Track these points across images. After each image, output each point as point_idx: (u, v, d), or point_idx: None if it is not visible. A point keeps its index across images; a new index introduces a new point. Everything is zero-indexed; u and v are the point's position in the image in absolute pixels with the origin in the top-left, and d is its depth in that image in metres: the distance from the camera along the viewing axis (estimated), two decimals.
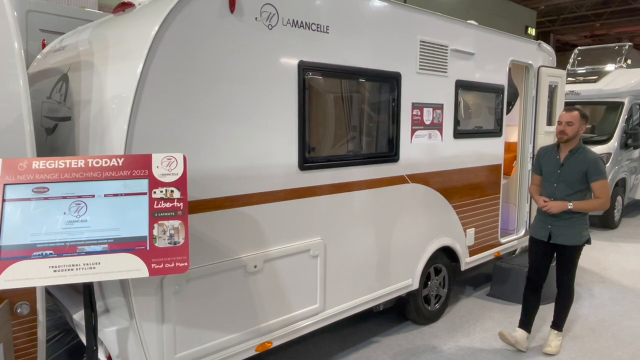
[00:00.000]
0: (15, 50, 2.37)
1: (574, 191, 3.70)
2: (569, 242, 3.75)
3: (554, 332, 4.00)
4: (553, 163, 3.83)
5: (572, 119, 3.67)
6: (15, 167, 2.07)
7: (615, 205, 8.35)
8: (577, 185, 3.68)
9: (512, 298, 4.99)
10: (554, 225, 3.79)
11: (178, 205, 2.16)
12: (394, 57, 3.72)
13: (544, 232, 3.85)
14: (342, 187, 3.45)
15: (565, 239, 3.76)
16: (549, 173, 3.84)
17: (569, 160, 3.73)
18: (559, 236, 3.78)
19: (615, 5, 20.06)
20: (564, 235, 3.76)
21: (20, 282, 1.97)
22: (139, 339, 2.51)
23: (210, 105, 2.65)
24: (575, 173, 3.68)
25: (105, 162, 2.15)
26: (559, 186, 3.75)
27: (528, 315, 4.01)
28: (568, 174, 3.71)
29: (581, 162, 3.67)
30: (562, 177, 3.74)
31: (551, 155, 3.87)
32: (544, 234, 3.84)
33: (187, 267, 2.12)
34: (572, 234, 3.74)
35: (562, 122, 3.70)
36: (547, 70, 5.55)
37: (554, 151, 3.85)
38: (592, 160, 3.65)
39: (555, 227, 3.78)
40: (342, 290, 3.55)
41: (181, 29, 2.50)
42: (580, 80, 9.21)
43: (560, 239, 3.77)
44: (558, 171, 3.77)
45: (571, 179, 3.69)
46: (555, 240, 3.79)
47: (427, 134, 4.12)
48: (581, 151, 3.72)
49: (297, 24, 3.02)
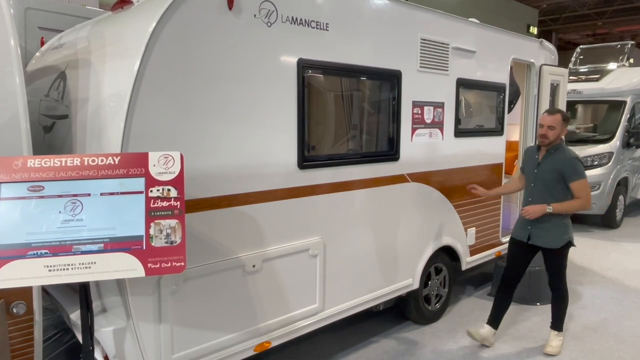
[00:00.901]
0: (11, 48, 2.34)
1: (551, 191, 3.64)
2: (547, 244, 3.71)
3: (554, 333, 3.97)
4: (532, 162, 3.79)
5: (554, 123, 3.60)
6: (10, 165, 2.05)
7: (617, 205, 8.31)
8: (555, 185, 3.62)
9: (515, 298, 4.96)
10: (534, 227, 3.74)
11: (175, 204, 2.13)
12: (394, 54, 3.69)
13: (524, 232, 3.81)
14: (342, 186, 3.42)
15: (544, 241, 3.72)
16: (528, 173, 3.82)
17: (546, 160, 3.69)
18: (539, 238, 3.73)
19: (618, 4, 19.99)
20: (543, 237, 3.71)
21: (15, 281, 1.95)
22: (136, 339, 2.49)
23: (208, 103, 2.63)
24: (551, 172, 3.62)
25: (101, 160, 2.13)
26: (537, 186, 3.70)
27: (498, 313, 4.00)
28: (545, 173, 3.66)
29: (558, 162, 3.61)
30: (539, 176, 3.69)
31: (531, 155, 3.84)
32: (524, 234, 3.81)
33: (184, 267, 2.09)
34: (552, 237, 3.69)
35: (544, 125, 3.63)
36: (549, 69, 5.51)
37: (535, 150, 3.82)
38: (569, 161, 3.58)
39: (535, 229, 3.74)
40: (341, 289, 3.53)
41: (179, 26, 2.47)
42: (582, 79, 9.16)
43: (540, 240, 3.73)
44: (535, 171, 3.73)
45: (548, 179, 3.64)
46: (535, 242, 3.76)
47: (427, 132, 4.09)
48: (559, 151, 3.66)
49: (297, 21, 3.00)
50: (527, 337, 4.21)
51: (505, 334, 4.29)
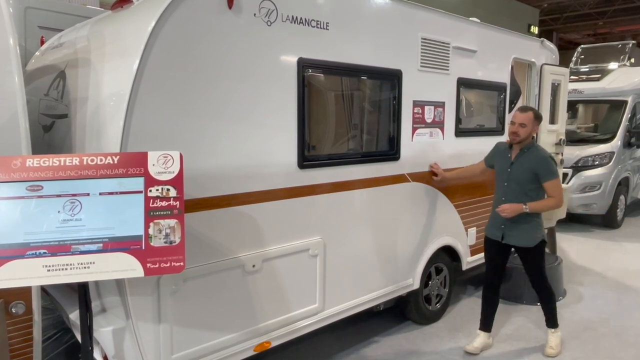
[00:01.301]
0: (10, 47, 2.33)
1: (525, 190, 3.62)
2: (521, 243, 3.70)
3: (550, 331, 3.96)
4: (504, 161, 3.77)
5: (526, 121, 3.59)
6: (9, 164, 2.04)
7: (618, 205, 8.29)
8: (528, 184, 3.61)
9: (513, 298, 4.96)
10: (507, 226, 3.73)
11: (174, 204, 2.12)
12: (395, 54, 3.68)
13: (497, 232, 3.79)
14: (342, 185, 3.41)
15: (518, 240, 3.71)
16: (500, 171, 3.78)
17: (519, 159, 3.66)
18: (512, 237, 3.72)
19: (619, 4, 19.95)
20: (517, 236, 3.70)
21: (13, 281, 1.94)
22: (135, 339, 2.48)
23: (208, 102, 2.62)
24: (524, 172, 3.61)
25: (100, 160, 2.12)
26: (510, 185, 3.68)
27: (488, 316, 3.99)
28: (518, 172, 3.64)
29: (531, 161, 3.60)
30: (513, 176, 3.67)
31: (503, 153, 3.81)
32: (498, 234, 3.79)
33: (183, 267, 2.09)
34: (525, 235, 3.69)
35: (516, 122, 3.62)
36: (550, 68, 5.49)
37: (507, 149, 3.79)
38: (542, 160, 3.57)
39: (508, 228, 3.72)
40: (341, 289, 3.52)
41: (178, 25, 2.46)
42: (583, 79, 9.14)
43: (514, 239, 3.72)
44: (508, 170, 3.70)
45: (521, 178, 3.62)
46: (508, 241, 3.75)
47: (428, 132, 4.08)
48: (532, 150, 3.65)
49: (297, 20, 2.99)
50: (526, 337, 4.20)
51: (505, 333, 4.28)
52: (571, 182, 7.82)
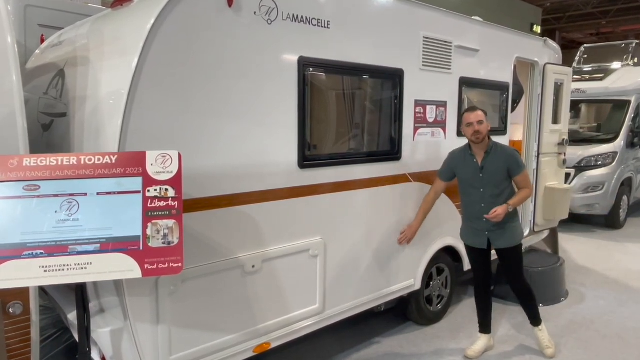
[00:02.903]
0: (8, 45, 2.31)
1: (501, 190, 3.59)
2: (510, 243, 3.67)
3: (538, 329, 3.92)
4: (471, 168, 3.65)
5: (481, 117, 3.53)
6: (5, 164, 2.02)
7: (621, 205, 8.25)
8: (503, 183, 3.59)
9: (515, 298, 4.91)
10: (492, 231, 3.66)
11: (172, 204, 2.10)
12: (396, 53, 3.65)
13: (481, 239, 3.72)
14: (343, 185, 3.38)
15: (505, 242, 3.67)
16: (470, 179, 3.66)
17: (488, 161, 3.60)
18: (499, 240, 3.67)
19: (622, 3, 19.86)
20: (504, 238, 3.66)
21: (9, 282, 1.92)
22: (133, 340, 2.46)
23: (207, 101, 2.59)
24: (498, 172, 3.57)
25: (98, 159, 2.10)
26: (487, 190, 3.60)
27: (485, 317, 3.97)
28: (491, 175, 3.58)
29: (501, 160, 3.57)
30: (486, 180, 3.60)
31: (466, 160, 3.68)
32: (482, 241, 3.72)
33: (181, 268, 2.07)
34: (511, 235, 3.66)
35: (473, 122, 3.52)
36: (553, 68, 5.46)
37: (468, 156, 3.67)
38: (510, 156, 3.58)
39: (493, 232, 3.66)
40: (342, 290, 3.49)
41: (178, 23, 2.44)
42: (586, 79, 9.10)
43: (502, 242, 3.67)
44: (480, 175, 3.61)
45: (496, 179, 3.58)
46: (497, 245, 3.69)
47: (430, 131, 4.05)
48: (496, 149, 3.61)
49: (297, 18, 2.96)
50: (526, 336, 4.17)
51: (506, 334, 4.25)
52: (574, 182, 7.78)
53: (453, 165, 3.77)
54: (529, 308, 3.90)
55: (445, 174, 3.82)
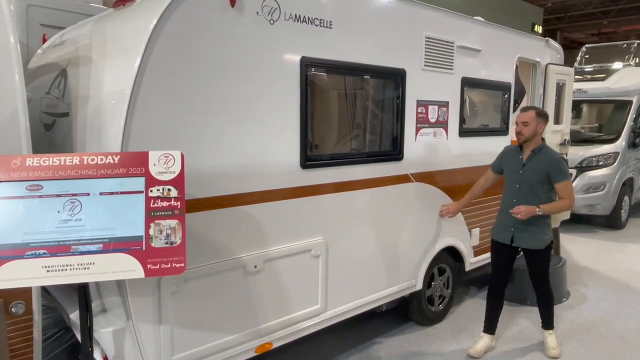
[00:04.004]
0: (11, 45, 2.31)
1: (537, 192, 3.60)
2: (531, 245, 3.68)
3: (548, 332, 3.95)
4: (515, 163, 3.73)
5: (528, 119, 3.57)
6: (8, 164, 2.02)
7: (623, 206, 8.24)
8: (539, 186, 3.59)
9: (516, 299, 4.92)
10: (517, 229, 3.69)
11: (175, 204, 2.10)
12: (398, 53, 3.64)
13: (506, 235, 3.76)
14: (345, 185, 3.38)
15: (528, 243, 3.68)
16: (511, 173, 3.75)
17: (531, 161, 3.64)
18: (522, 239, 3.69)
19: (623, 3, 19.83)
20: (527, 238, 3.68)
21: (12, 282, 1.92)
22: (135, 340, 2.46)
23: (210, 101, 2.59)
24: (537, 173, 3.58)
25: (100, 159, 2.10)
26: (522, 186, 3.65)
27: (493, 318, 3.97)
28: (530, 174, 3.61)
29: (543, 163, 3.58)
30: (524, 177, 3.64)
31: (514, 155, 3.78)
32: (506, 237, 3.76)
33: (184, 268, 2.06)
34: (535, 238, 3.67)
35: (518, 122, 3.62)
36: (554, 68, 5.45)
37: (517, 151, 3.76)
38: (555, 161, 3.56)
39: (518, 230, 3.69)
40: (344, 290, 3.49)
41: (180, 23, 2.44)
42: (588, 79, 9.09)
43: (524, 242, 3.69)
44: (520, 171, 3.67)
45: (533, 180, 3.60)
46: (518, 244, 3.72)
47: (432, 132, 4.04)
48: (544, 151, 3.63)
49: (300, 18, 2.96)
50: (530, 339, 4.17)
51: (508, 335, 4.25)
52: (575, 183, 7.77)
53: (504, 157, 3.88)
54: (544, 311, 3.92)
55: (496, 165, 3.95)
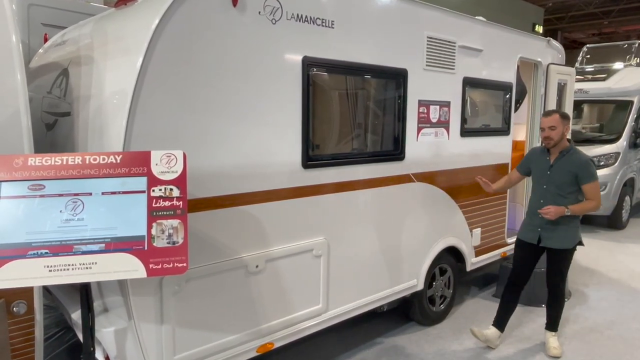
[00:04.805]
0: (12, 44, 2.30)
1: (564, 193, 3.61)
2: (560, 245, 3.68)
3: (551, 333, 3.94)
4: (543, 164, 3.74)
5: (554, 123, 3.58)
6: (10, 163, 2.02)
7: (624, 206, 8.23)
8: (567, 187, 3.60)
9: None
10: (545, 229, 3.70)
11: (177, 204, 2.10)
12: (400, 53, 3.64)
13: (533, 234, 3.77)
14: (346, 185, 3.38)
15: (556, 243, 3.68)
16: (539, 174, 3.76)
17: (559, 162, 3.65)
18: (550, 239, 3.70)
19: (624, 3, 19.82)
20: (555, 238, 3.68)
21: (14, 281, 1.92)
22: (137, 339, 2.46)
23: (212, 101, 2.59)
24: (565, 175, 3.60)
25: (102, 159, 2.09)
26: (549, 188, 3.67)
27: (504, 316, 3.97)
28: (558, 175, 3.63)
29: (571, 164, 3.59)
30: (552, 178, 3.65)
31: (541, 157, 3.79)
32: (533, 236, 3.77)
33: (186, 268, 2.06)
34: (564, 237, 3.67)
35: (545, 128, 3.61)
36: (556, 68, 5.45)
37: (544, 152, 3.77)
38: (584, 163, 3.57)
39: (546, 230, 3.70)
40: (345, 290, 3.49)
41: (182, 23, 2.43)
42: (589, 79, 9.08)
43: (552, 242, 3.69)
44: (548, 172, 3.68)
45: (561, 181, 3.61)
46: (546, 244, 3.72)
47: (433, 132, 4.04)
48: (572, 153, 3.64)
49: (302, 18, 2.95)
50: (532, 339, 4.16)
51: (510, 335, 4.24)
52: None
53: (530, 158, 3.89)
54: (554, 312, 3.92)
55: (522, 166, 3.96)
